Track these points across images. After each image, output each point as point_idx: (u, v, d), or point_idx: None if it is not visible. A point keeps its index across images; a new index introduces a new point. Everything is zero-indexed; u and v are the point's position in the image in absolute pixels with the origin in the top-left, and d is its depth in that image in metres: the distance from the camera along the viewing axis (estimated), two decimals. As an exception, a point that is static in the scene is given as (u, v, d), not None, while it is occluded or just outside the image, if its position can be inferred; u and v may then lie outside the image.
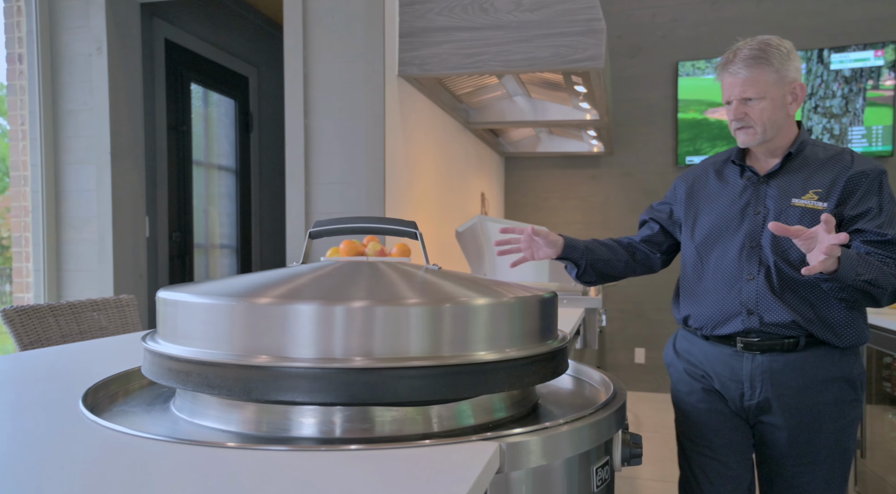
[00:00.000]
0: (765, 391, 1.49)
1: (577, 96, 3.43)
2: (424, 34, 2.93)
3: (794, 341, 1.46)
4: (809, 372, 1.46)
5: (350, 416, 0.86)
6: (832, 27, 4.33)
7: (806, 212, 1.46)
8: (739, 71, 1.48)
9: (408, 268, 1.03)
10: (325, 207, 2.88)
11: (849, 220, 1.45)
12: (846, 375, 1.48)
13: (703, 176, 1.67)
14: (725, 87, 1.53)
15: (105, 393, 1.10)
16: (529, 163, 4.93)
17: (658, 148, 4.63)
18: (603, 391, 1.16)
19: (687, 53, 4.51)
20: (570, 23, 2.79)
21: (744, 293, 1.50)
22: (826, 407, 1.47)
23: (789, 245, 1.46)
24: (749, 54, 1.49)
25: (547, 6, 2.81)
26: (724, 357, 1.53)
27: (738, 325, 1.49)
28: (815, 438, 1.48)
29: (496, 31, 2.85)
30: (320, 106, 2.91)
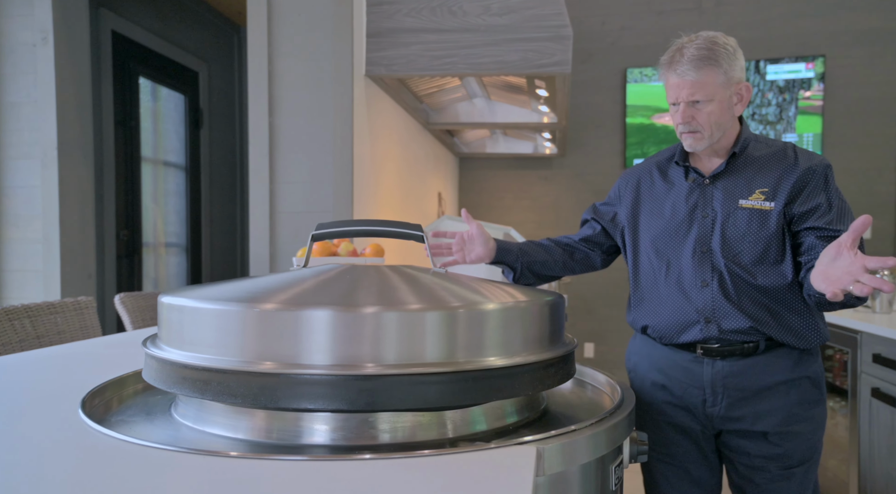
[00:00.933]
0: (727, 396, 1.43)
1: (538, 100, 3.51)
2: (392, 35, 2.93)
3: (754, 345, 1.42)
4: (771, 374, 1.42)
5: (363, 423, 0.85)
6: (768, 40, 4.58)
7: (754, 214, 1.42)
8: (687, 72, 1.40)
9: (414, 273, 1.02)
10: (291, 206, 2.84)
11: (798, 218, 1.40)
12: (809, 374, 1.44)
13: (646, 176, 1.60)
14: (671, 88, 1.44)
15: (101, 400, 1.05)
16: (483, 164, 5.00)
17: (607, 150, 4.78)
18: (604, 390, 1.18)
19: (635, 61, 4.67)
20: (538, 28, 2.85)
21: (699, 301, 1.44)
22: (793, 408, 1.42)
23: (740, 248, 1.42)
24: (696, 54, 1.40)
25: (515, 11, 2.86)
26: (685, 363, 1.47)
27: (696, 334, 1.43)
28: (787, 442, 1.43)
29: (465, 34, 2.88)
30: (286, 104, 2.87)
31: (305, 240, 2.79)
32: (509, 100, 3.74)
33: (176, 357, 0.87)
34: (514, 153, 4.78)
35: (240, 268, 4.69)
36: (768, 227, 1.40)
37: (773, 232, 1.40)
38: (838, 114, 4.52)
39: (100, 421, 0.89)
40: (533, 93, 3.42)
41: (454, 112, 3.94)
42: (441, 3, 2.88)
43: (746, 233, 1.42)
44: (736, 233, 1.43)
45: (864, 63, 4.49)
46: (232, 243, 4.67)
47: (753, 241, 1.41)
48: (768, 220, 1.40)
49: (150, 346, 0.94)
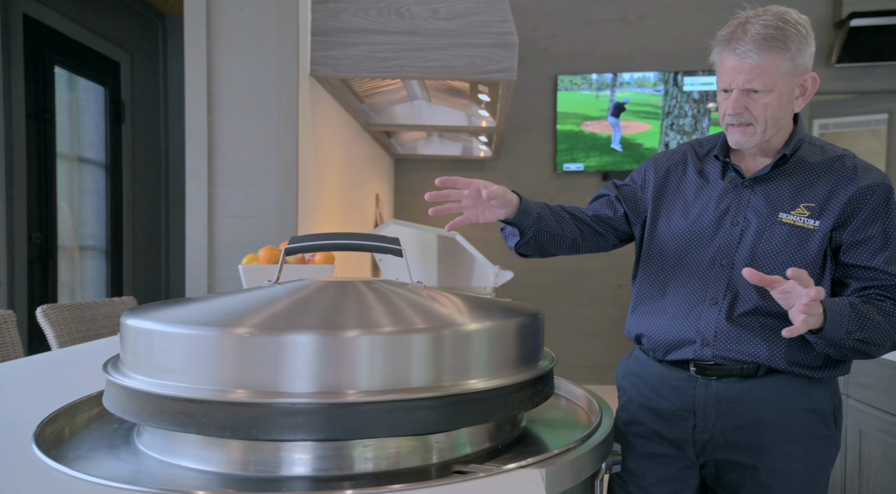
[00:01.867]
0: (719, 422, 1.28)
1: (480, 104, 3.54)
2: (338, 34, 2.87)
3: (754, 366, 1.26)
4: (769, 401, 1.26)
5: (345, 451, 0.81)
6: (685, 53, 4.82)
7: (794, 231, 1.24)
8: (749, 54, 1.20)
9: (392, 288, 0.99)
10: (231, 210, 2.73)
11: (847, 248, 1.23)
12: (815, 406, 1.26)
13: (679, 166, 1.41)
14: (725, 71, 1.24)
15: (52, 431, 0.96)
16: (419, 165, 4.99)
17: (538, 155, 4.89)
18: (577, 402, 1.17)
19: (565, 68, 4.80)
20: (485, 34, 2.88)
21: (703, 320, 1.28)
22: (792, 443, 1.26)
23: (771, 268, 1.24)
24: (763, 33, 1.20)
25: (462, 16, 2.87)
26: (676, 381, 1.32)
27: (688, 353, 1.29)
28: (779, 479, 1.26)
29: (412, 37, 2.87)
30: (227, 102, 2.76)
31: (247, 244, 2.69)
32: (450, 103, 3.75)
33: (151, 387, 0.79)
34: (449, 155, 4.80)
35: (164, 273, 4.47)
36: (808, 250, 1.23)
37: (812, 256, 1.23)
38: (750, 124, 4.82)
39: (56, 458, 0.81)
40: (475, 98, 3.45)
41: (394, 113, 3.91)
42: (388, 4, 2.85)
43: (781, 251, 1.24)
44: (769, 250, 1.25)
45: (773, 77, 4.82)
46: (156, 246, 4.43)
47: (787, 263, 1.23)
48: (809, 241, 1.23)
49: (114, 374, 0.86)
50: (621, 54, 4.83)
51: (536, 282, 4.85)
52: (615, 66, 4.82)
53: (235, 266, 2.64)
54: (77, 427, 1.00)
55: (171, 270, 4.51)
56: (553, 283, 4.80)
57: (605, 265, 4.84)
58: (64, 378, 1.30)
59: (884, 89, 4.72)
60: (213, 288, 2.67)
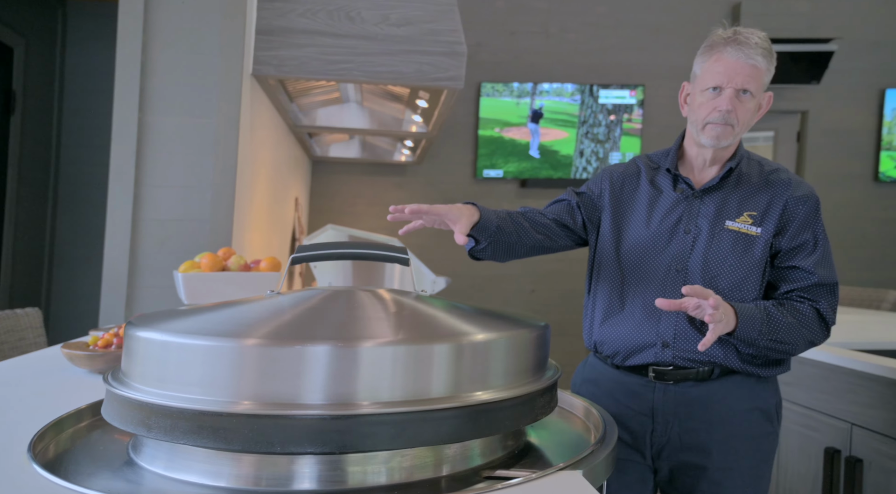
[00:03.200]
0: (675, 425, 1.36)
1: (416, 110, 3.52)
2: (284, 34, 2.74)
3: (709, 370, 1.34)
4: (722, 403, 1.35)
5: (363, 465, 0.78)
6: (601, 67, 5.06)
7: (740, 237, 1.34)
8: (753, 56, 1.28)
9: (397, 298, 0.98)
10: (159, 213, 2.54)
11: (784, 253, 1.35)
12: (761, 406, 1.36)
13: (633, 177, 1.49)
14: (722, 70, 1.30)
15: (41, 446, 0.88)
16: (337, 168, 4.87)
17: (459, 160, 4.93)
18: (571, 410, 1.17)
19: (488, 76, 4.87)
20: (434, 42, 2.86)
21: (662, 324, 1.35)
22: (740, 441, 1.35)
23: (719, 271, 1.33)
24: (762, 44, 1.29)
25: (412, 23, 2.84)
26: (634, 387, 1.39)
27: (649, 357, 1.36)
28: (728, 477, 1.34)
29: (362, 41, 2.80)
30: (161, 99, 2.56)
31: (176, 250, 2.51)
32: (383, 107, 3.70)
33: (180, 403, 0.73)
34: (369, 159, 4.73)
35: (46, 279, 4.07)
36: (752, 255, 1.34)
37: (757, 260, 1.34)
38: (653, 137, 5.13)
39: (51, 468, 0.76)
40: (412, 103, 3.42)
41: (322, 114, 3.79)
42: (339, 7, 2.77)
43: (729, 256, 1.34)
44: (718, 255, 1.34)
45: (673, 93, 5.15)
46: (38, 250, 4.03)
47: (734, 266, 1.33)
48: (753, 247, 1.34)
49: (120, 387, 0.79)
50: (542, 65, 4.98)
51: (453, 289, 4.88)
52: (536, 75, 4.97)
53: (162, 272, 2.46)
54: (62, 444, 0.91)
55: (54, 276, 4.12)
56: (468, 289, 4.86)
57: (518, 271, 4.97)
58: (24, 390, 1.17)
59: (772, 109, 5.19)
60: (134, 295, 2.47)
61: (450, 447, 0.81)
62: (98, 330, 1.56)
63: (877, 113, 5.35)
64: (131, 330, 0.82)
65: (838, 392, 1.89)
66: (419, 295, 1.00)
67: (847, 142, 5.33)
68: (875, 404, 1.77)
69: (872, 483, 1.77)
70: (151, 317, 0.87)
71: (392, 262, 1.06)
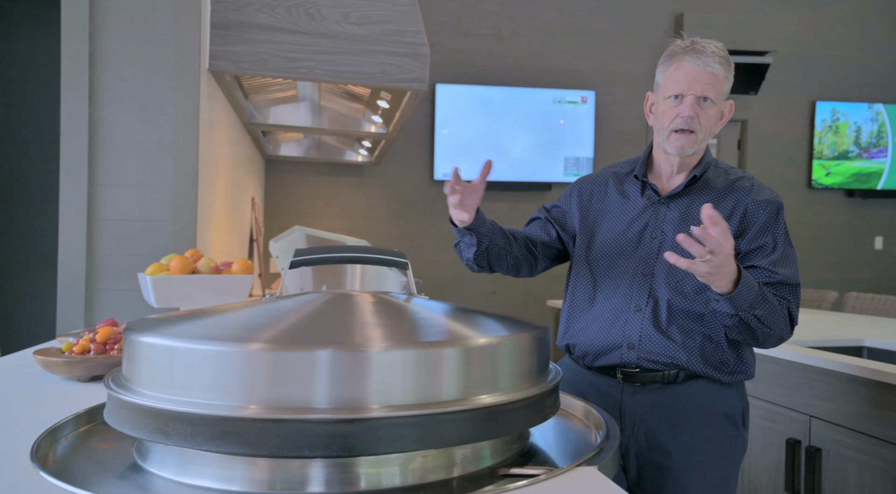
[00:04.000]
0: (642, 426, 1.39)
1: (377, 110, 3.50)
2: (241, 29, 2.69)
3: (675, 373, 1.37)
4: (687, 406, 1.37)
5: (377, 467, 0.78)
6: (553, 71, 5.16)
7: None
8: (711, 64, 1.32)
9: (401, 301, 0.98)
10: (117, 213, 2.45)
11: (745, 255, 1.38)
12: (725, 410, 1.39)
13: (601, 187, 1.53)
14: (682, 78, 1.34)
15: (40, 454, 0.85)
16: (292, 168, 4.79)
17: (417, 162, 4.94)
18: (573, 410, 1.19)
19: (444, 77, 4.89)
20: (397, 43, 2.86)
21: (628, 326, 1.39)
22: (706, 444, 1.37)
23: (684, 275, 1.35)
24: (718, 52, 1.34)
25: (374, 23, 2.83)
26: (604, 388, 1.42)
27: (616, 358, 1.39)
28: (693, 478, 1.37)
29: (323, 39, 2.77)
30: (113, 94, 2.47)
31: (138, 252, 2.42)
32: (343, 107, 3.66)
33: (198, 409, 0.72)
34: (325, 159, 4.67)
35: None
36: None
37: None
38: (605, 141, 5.26)
39: (56, 474, 0.74)
40: (373, 104, 3.40)
41: (277, 112, 3.73)
42: (297, 3, 2.73)
43: None
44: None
45: (624, 100, 5.30)
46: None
47: None
48: None
49: (128, 394, 0.77)
50: (495, 68, 5.03)
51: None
52: (490, 78, 5.02)
53: (124, 275, 2.37)
54: (61, 452, 0.88)
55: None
56: (431, 291, 4.84)
57: (480, 273, 5.02)
58: None
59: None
60: (95, 299, 2.38)
61: (462, 448, 0.81)
62: (67, 335, 1.49)
63: (809, 123, 5.65)
64: (136, 335, 0.79)
65: (797, 386, 1.99)
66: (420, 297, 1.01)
67: (783, 151, 5.61)
68: (830, 397, 1.87)
69: (831, 471, 1.87)
70: (153, 322, 0.84)
71: (391, 266, 1.07)
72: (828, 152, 5.67)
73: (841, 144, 5.69)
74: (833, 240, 5.63)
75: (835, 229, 5.67)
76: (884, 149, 5.77)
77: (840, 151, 5.70)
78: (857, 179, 5.71)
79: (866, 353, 2.21)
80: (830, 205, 5.70)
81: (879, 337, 2.20)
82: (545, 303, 4.70)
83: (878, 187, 5.73)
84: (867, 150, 5.74)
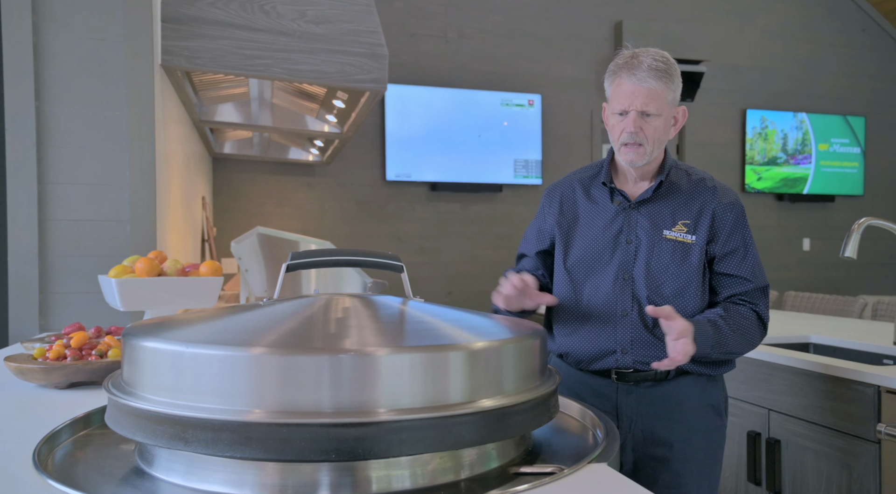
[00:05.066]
0: (639, 422, 1.46)
1: (332, 110, 3.47)
2: (194, 24, 2.62)
3: (666, 372, 1.44)
4: (679, 401, 1.45)
5: (387, 470, 0.80)
6: (499, 74, 5.22)
7: (678, 246, 1.44)
8: (647, 79, 1.37)
9: (399, 305, 0.99)
10: (69, 213, 2.36)
11: (720, 259, 1.45)
12: (713, 402, 1.48)
13: (569, 193, 1.58)
14: (623, 95, 1.40)
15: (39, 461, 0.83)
16: (241, 166, 4.69)
17: (368, 162, 4.91)
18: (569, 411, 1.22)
19: (392, 78, 4.87)
20: (355, 43, 2.85)
21: (619, 331, 1.45)
22: (696, 435, 1.46)
23: (663, 279, 1.43)
24: (654, 65, 1.39)
25: (331, 22, 2.81)
26: (598, 388, 1.48)
27: (611, 362, 1.45)
28: (687, 468, 1.45)
29: (279, 37, 2.73)
30: (61, 88, 2.37)
31: (95, 254, 2.34)
32: (295, 105, 3.62)
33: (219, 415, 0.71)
34: (275, 157, 4.59)
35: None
36: (690, 262, 1.43)
37: (695, 266, 1.43)
38: (552, 143, 5.37)
39: (62, 480, 0.73)
40: (328, 104, 3.37)
41: (227, 110, 3.64)
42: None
43: (670, 264, 1.43)
44: (660, 263, 1.44)
45: (568, 103, 5.43)
46: None
47: (676, 274, 1.43)
48: (690, 254, 1.43)
49: (124, 398, 0.77)
50: (443, 69, 5.06)
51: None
52: (438, 79, 5.04)
53: (81, 277, 2.29)
54: (60, 458, 0.87)
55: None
56: (390, 293, 4.86)
57: (437, 274, 5.05)
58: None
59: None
60: (50, 303, 2.28)
61: (470, 449, 0.83)
62: (32, 341, 1.43)
63: (741, 130, 5.94)
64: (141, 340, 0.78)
65: (755, 381, 2.10)
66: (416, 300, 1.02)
67: (718, 156, 5.86)
68: (786, 391, 1.98)
69: (790, 460, 1.99)
70: (155, 327, 0.83)
71: (386, 269, 1.08)
72: (759, 158, 5.97)
73: (770, 151, 6.00)
74: (766, 241, 5.92)
75: (768, 231, 5.97)
76: (808, 156, 6.11)
77: (770, 157, 6.00)
78: (786, 184, 6.03)
79: (813, 349, 2.36)
80: (763, 209, 6.00)
81: (823, 334, 2.35)
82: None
83: (804, 191, 6.07)
84: (794, 157, 6.07)
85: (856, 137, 6.25)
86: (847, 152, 6.22)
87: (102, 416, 0.87)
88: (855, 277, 6.19)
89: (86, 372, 1.14)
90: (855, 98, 6.25)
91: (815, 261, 6.13)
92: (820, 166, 6.14)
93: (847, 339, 2.22)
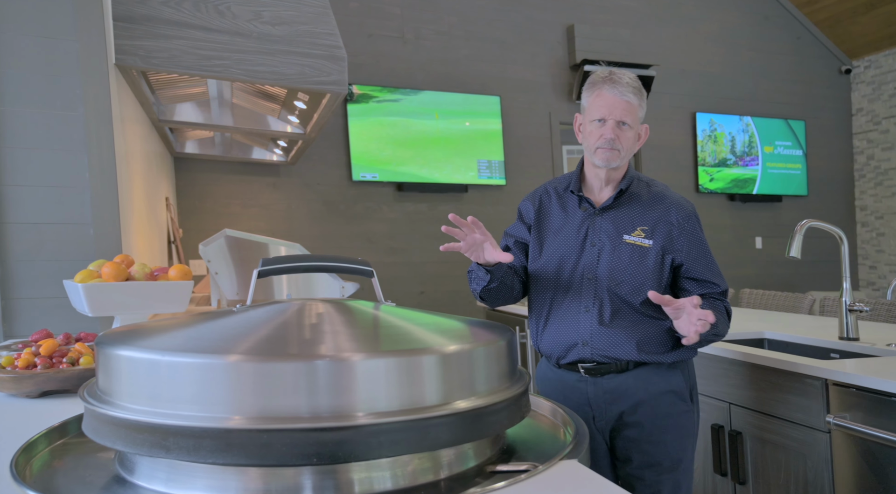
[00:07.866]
0: (608, 410, 1.60)
1: (294, 111, 3.44)
2: (147, 23, 2.58)
3: (625, 363, 1.58)
4: (640, 389, 1.58)
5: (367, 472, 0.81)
6: (456, 76, 5.25)
7: (636, 249, 1.58)
8: (627, 93, 1.54)
9: (372, 310, 1.00)
10: (27, 216, 2.29)
11: (688, 267, 1.60)
12: (674, 388, 1.60)
13: (546, 201, 1.72)
14: (604, 104, 1.55)
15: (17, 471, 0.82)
16: (203, 166, 4.59)
17: (334, 162, 4.88)
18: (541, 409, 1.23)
19: (353, 78, 4.86)
20: (313, 45, 2.84)
21: (581, 325, 1.58)
22: (661, 418, 1.59)
23: (622, 278, 1.56)
24: (633, 83, 1.56)
25: (287, 23, 2.79)
26: (572, 383, 1.63)
27: (575, 355, 1.59)
28: (655, 449, 1.59)
29: (236, 38, 2.71)
30: (12, 88, 2.31)
31: (57, 258, 2.28)
32: (255, 105, 3.58)
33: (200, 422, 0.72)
34: (238, 157, 4.52)
35: None
36: (647, 264, 1.58)
37: (651, 268, 1.58)
38: (513, 145, 5.43)
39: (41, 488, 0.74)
40: (290, 105, 3.35)
41: (186, 110, 3.58)
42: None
43: (629, 265, 1.58)
44: (620, 264, 1.58)
45: (527, 106, 5.50)
46: None
47: (633, 274, 1.57)
48: (647, 257, 1.58)
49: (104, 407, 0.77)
50: (402, 70, 5.07)
51: (354, 294, 4.85)
52: (397, 80, 5.04)
53: (44, 282, 2.23)
54: (37, 468, 0.86)
55: None
56: (362, 294, 4.84)
57: (408, 274, 5.05)
58: None
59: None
60: (12, 308, 2.21)
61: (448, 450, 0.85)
62: (0, 349, 1.39)
63: (692, 133, 6.11)
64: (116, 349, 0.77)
65: (715, 376, 2.18)
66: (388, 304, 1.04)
67: (672, 158, 6.02)
68: (745, 385, 2.07)
69: (752, 451, 2.08)
70: (130, 335, 0.82)
71: (357, 274, 1.09)
72: (710, 159, 6.14)
73: (720, 153, 6.19)
74: (720, 240, 6.10)
75: (721, 230, 6.15)
76: (755, 158, 6.33)
77: (720, 159, 6.19)
78: (736, 185, 6.23)
79: (767, 345, 2.45)
80: (716, 209, 6.18)
81: (776, 330, 2.45)
82: (476, 303, 4.80)
83: (753, 192, 6.28)
84: (742, 159, 6.27)
85: (797, 140, 6.50)
86: (791, 154, 6.47)
87: (79, 425, 0.86)
88: (804, 274, 6.43)
89: (58, 381, 1.12)
90: (795, 103, 6.52)
91: (768, 259, 6.35)
92: (767, 167, 6.36)
93: (798, 335, 2.32)
